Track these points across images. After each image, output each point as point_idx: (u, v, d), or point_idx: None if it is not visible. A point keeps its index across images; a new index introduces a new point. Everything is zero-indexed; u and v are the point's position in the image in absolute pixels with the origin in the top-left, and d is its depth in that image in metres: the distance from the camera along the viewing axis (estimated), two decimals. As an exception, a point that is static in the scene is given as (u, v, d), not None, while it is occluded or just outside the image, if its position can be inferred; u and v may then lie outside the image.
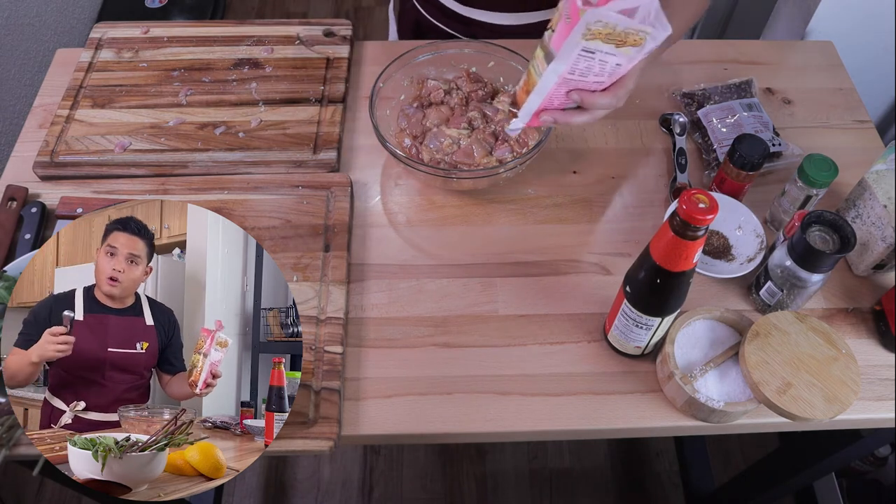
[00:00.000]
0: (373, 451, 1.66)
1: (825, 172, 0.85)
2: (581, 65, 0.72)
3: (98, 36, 1.12)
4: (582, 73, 0.73)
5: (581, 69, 0.72)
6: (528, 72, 0.78)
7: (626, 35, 0.68)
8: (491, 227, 0.94)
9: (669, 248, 0.66)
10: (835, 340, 0.76)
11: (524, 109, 0.79)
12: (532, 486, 1.61)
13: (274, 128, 1.01)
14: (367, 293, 0.88)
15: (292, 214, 0.92)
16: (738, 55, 1.14)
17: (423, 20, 1.19)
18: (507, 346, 0.84)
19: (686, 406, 0.78)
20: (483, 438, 0.82)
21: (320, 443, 0.75)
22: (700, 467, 1.54)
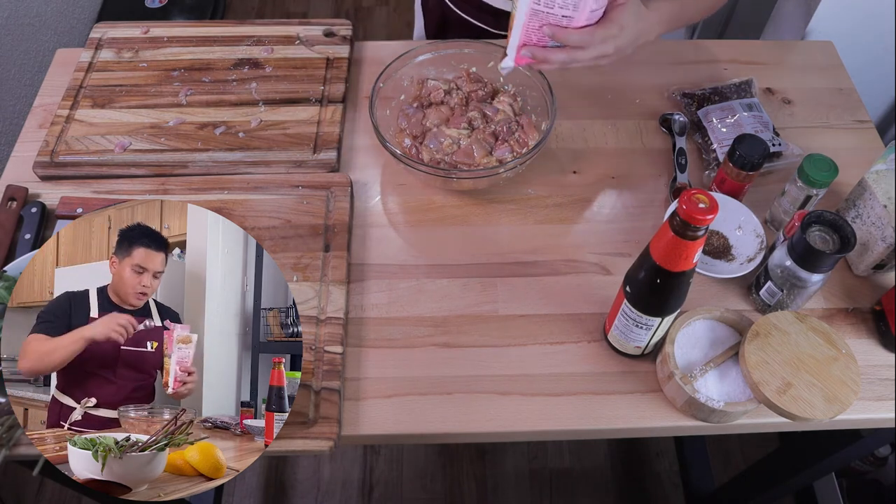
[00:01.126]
0: (373, 451, 1.66)
1: (825, 172, 0.85)
2: None
3: (98, 36, 1.12)
4: (547, 3, 0.76)
5: None
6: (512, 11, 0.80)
7: None
8: (491, 227, 0.94)
9: (669, 248, 0.66)
10: (835, 340, 0.76)
11: (510, 46, 0.83)
12: (532, 486, 1.61)
13: (274, 128, 1.01)
14: (367, 293, 0.88)
15: (292, 214, 0.92)
16: (738, 55, 1.14)
17: (450, 14, 1.18)
18: (507, 346, 0.84)
19: (686, 406, 0.78)
20: (483, 438, 0.82)
21: (320, 443, 0.75)
22: (700, 467, 1.54)
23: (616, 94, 1.08)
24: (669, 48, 1.15)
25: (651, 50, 1.13)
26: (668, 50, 1.15)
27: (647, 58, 1.12)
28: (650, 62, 1.12)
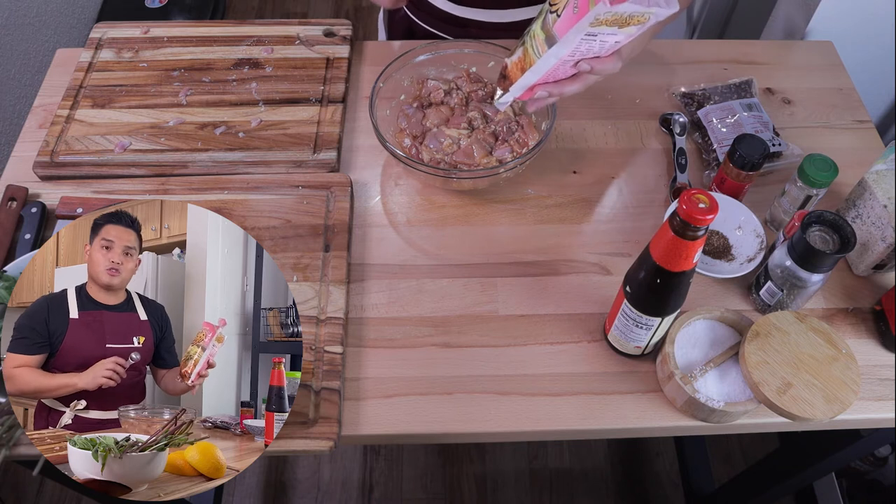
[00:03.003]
0: (373, 451, 1.66)
1: (825, 172, 0.85)
2: (582, 47, 0.73)
3: (98, 36, 1.12)
4: (582, 54, 0.75)
5: (582, 51, 0.74)
6: (525, 49, 0.78)
7: (631, 17, 0.69)
8: (491, 227, 0.94)
9: (669, 248, 0.66)
10: (835, 340, 0.76)
11: (517, 85, 0.80)
12: (532, 486, 1.62)
13: (274, 128, 1.01)
14: (367, 293, 0.88)
15: (292, 214, 0.92)
16: (738, 55, 1.14)
17: (416, 28, 1.18)
18: (507, 346, 0.84)
19: (686, 406, 0.78)
20: (483, 438, 0.82)
21: (320, 443, 0.75)
22: (700, 467, 1.54)
23: (616, 94, 1.08)
24: (669, 48, 1.15)
25: (651, 50, 1.14)
26: (668, 50, 1.15)
27: (647, 58, 1.12)
28: (650, 62, 1.12)
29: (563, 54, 0.74)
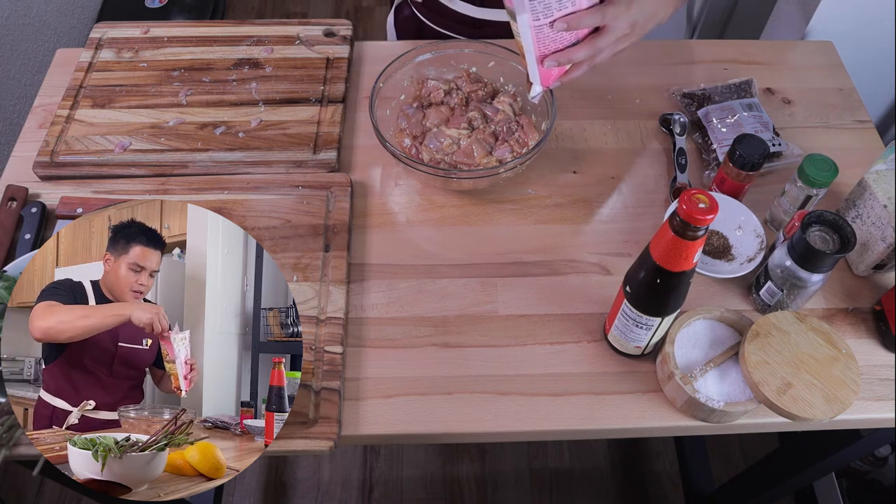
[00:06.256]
0: (373, 451, 1.66)
1: (825, 172, 0.85)
2: (539, 7, 0.75)
3: (98, 36, 1.12)
4: (546, 13, 0.76)
5: (541, 9, 0.75)
6: (516, 39, 0.80)
7: None
8: (491, 227, 0.94)
9: (669, 248, 0.66)
10: (835, 340, 0.76)
11: (530, 74, 0.83)
12: (532, 486, 1.62)
13: (274, 128, 1.01)
14: (367, 293, 0.88)
15: (292, 214, 0.92)
16: (738, 55, 1.14)
17: (426, 29, 1.18)
18: (507, 346, 0.84)
19: (686, 406, 0.78)
20: (483, 438, 0.82)
21: (320, 443, 0.75)
22: (700, 467, 1.54)
23: (616, 94, 1.08)
24: (669, 48, 1.15)
25: (651, 50, 1.14)
26: (668, 50, 1.15)
27: (647, 58, 1.12)
28: (650, 62, 1.12)
29: (526, 20, 0.76)
